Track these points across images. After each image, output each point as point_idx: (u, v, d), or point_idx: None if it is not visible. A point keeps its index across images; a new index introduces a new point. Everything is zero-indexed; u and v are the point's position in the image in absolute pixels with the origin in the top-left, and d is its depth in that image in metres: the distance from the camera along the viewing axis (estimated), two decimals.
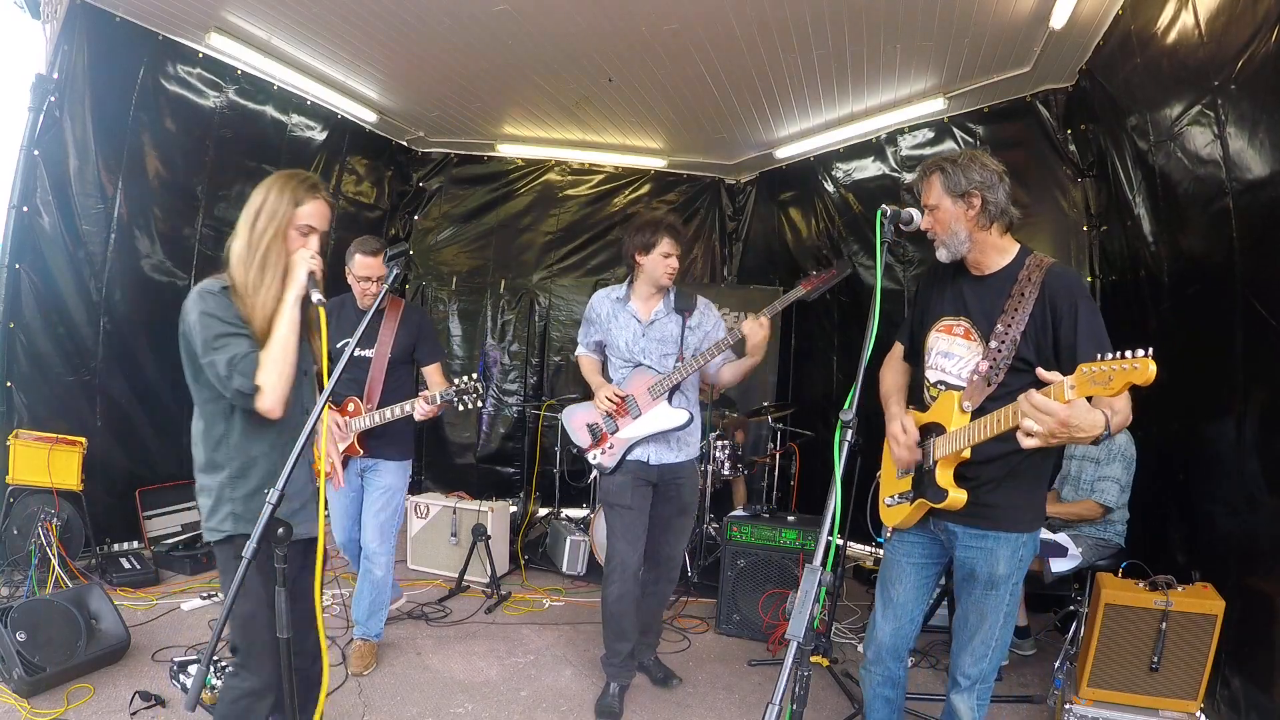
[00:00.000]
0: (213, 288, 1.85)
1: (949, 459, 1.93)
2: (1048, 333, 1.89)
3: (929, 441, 1.99)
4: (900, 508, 2.09)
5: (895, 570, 2.15)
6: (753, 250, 6.64)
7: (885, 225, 1.85)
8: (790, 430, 5.18)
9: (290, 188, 1.88)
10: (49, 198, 3.89)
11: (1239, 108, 2.59)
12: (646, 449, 2.95)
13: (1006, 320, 1.92)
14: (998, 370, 1.91)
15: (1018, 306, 1.92)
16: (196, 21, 4.17)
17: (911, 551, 2.13)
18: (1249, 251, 2.60)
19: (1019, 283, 1.94)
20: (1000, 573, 1.97)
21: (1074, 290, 1.90)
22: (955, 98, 4.58)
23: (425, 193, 6.46)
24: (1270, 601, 2.44)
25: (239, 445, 1.85)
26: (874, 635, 2.19)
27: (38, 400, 3.93)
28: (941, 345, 2.06)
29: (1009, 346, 1.91)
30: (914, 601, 2.13)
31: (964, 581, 2.04)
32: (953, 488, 1.92)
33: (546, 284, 6.38)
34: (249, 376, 1.74)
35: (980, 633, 2.02)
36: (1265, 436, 2.52)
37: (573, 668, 3.32)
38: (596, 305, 3.06)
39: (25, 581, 3.41)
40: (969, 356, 2.00)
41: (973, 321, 2.01)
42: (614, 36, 4.12)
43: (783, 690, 1.27)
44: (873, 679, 2.20)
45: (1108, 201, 4.10)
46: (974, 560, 1.99)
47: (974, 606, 2.02)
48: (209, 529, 1.87)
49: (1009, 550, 1.97)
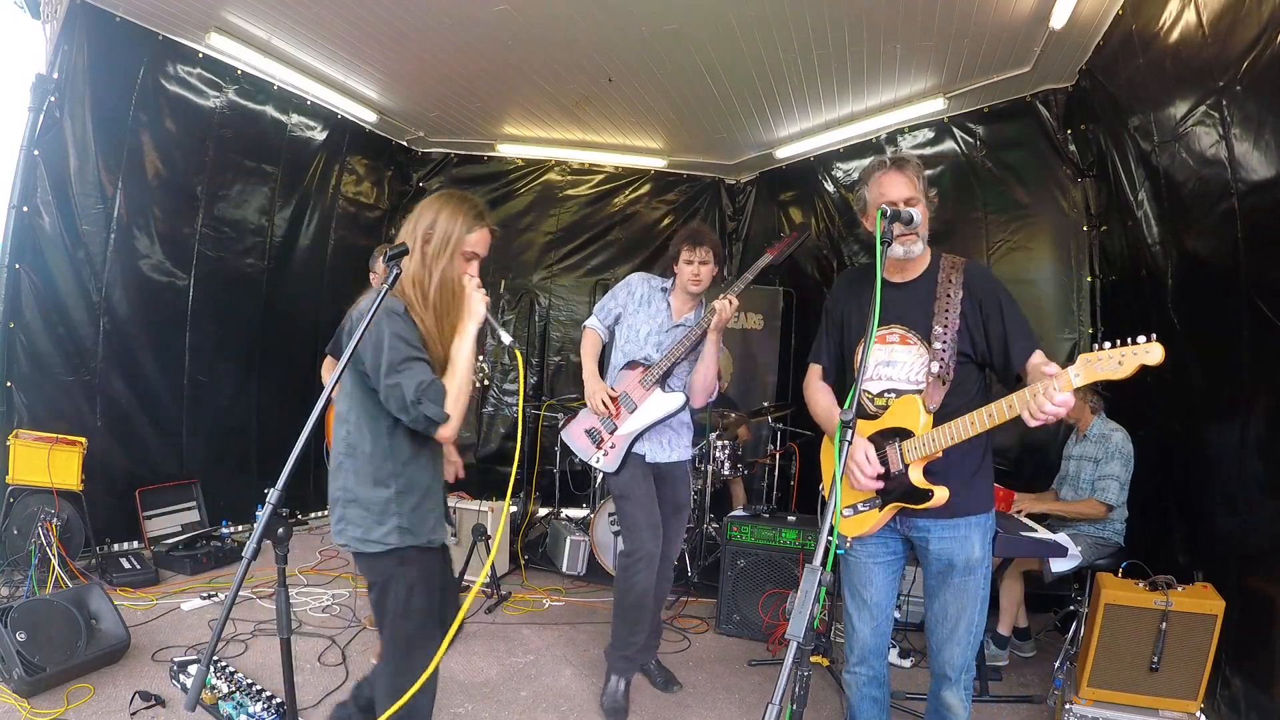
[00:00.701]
0: (397, 308, 1.83)
1: (920, 460, 1.95)
2: (980, 327, 2.00)
3: (895, 446, 1.98)
4: (866, 516, 2.07)
5: (864, 574, 2.14)
6: (753, 250, 6.63)
7: (885, 225, 1.84)
8: (790, 430, 5.18)
9: (462, 213, 1.91)
10: (49, 198, 3.89)
11: (1245, 108, 2.59)
12: (644, 445, 2.98)
13: (941, 321, 1.99)
14: (948, 368, 1.97)
15: (947, 307, 2.00)
16: (196, 21, 4.17)
17: (876, 553, 2.12)
18: (1254, 253, 2.59)
19: (940, 284, 2.02)
20: (976, 556, 2.01)
21: (994, 286, 2.03)
22: (955, 98, 4.58)
23: (425, 193, 6.44)
24: (1270, 601, 2.44)
25: (405, 462, 1.89)
26: (854, 638, 2.18)
27: (38, 400, 3.93)
28: (880, 355, 2.07)
29: (951, 344, 1.98)
30: (886, 599, 2.15)
31: (941, 573, 2.05)
32: (933, 486, 1.94)
33: (546, 284, 6.38)
34: (439, 404, 1.79)
35: (963, 620, 2.04)
36: (1268, 438, 2.52)
37: (573, 668, 3.32)
38: (634, 283, 3.11)
39: (25, 581, 3.41)
40: (912, 360, 2.02)
41: (906, 326, 2.05)
42: (614, 36, 4.12)
43: (783, 690, 1.27)
44: (858, 680, 2.19)
45: (1108, 201, 4.10)
46: (950, 551, 2.01)
47: (954, 596, 2.04)
48: (369, 541, 1.87)
49: (980, 533, 2.02)
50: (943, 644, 2.08)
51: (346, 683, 3.01)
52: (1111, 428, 3.41)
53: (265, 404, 5.19)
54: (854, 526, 2.09)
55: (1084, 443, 3.49)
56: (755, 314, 5.94)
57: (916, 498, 1.95)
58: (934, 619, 2.10)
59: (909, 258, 2.04)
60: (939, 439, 1.89)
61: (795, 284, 6.05)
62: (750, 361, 5.93)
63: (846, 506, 2.11)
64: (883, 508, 2.03)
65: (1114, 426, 3.42)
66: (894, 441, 1.99)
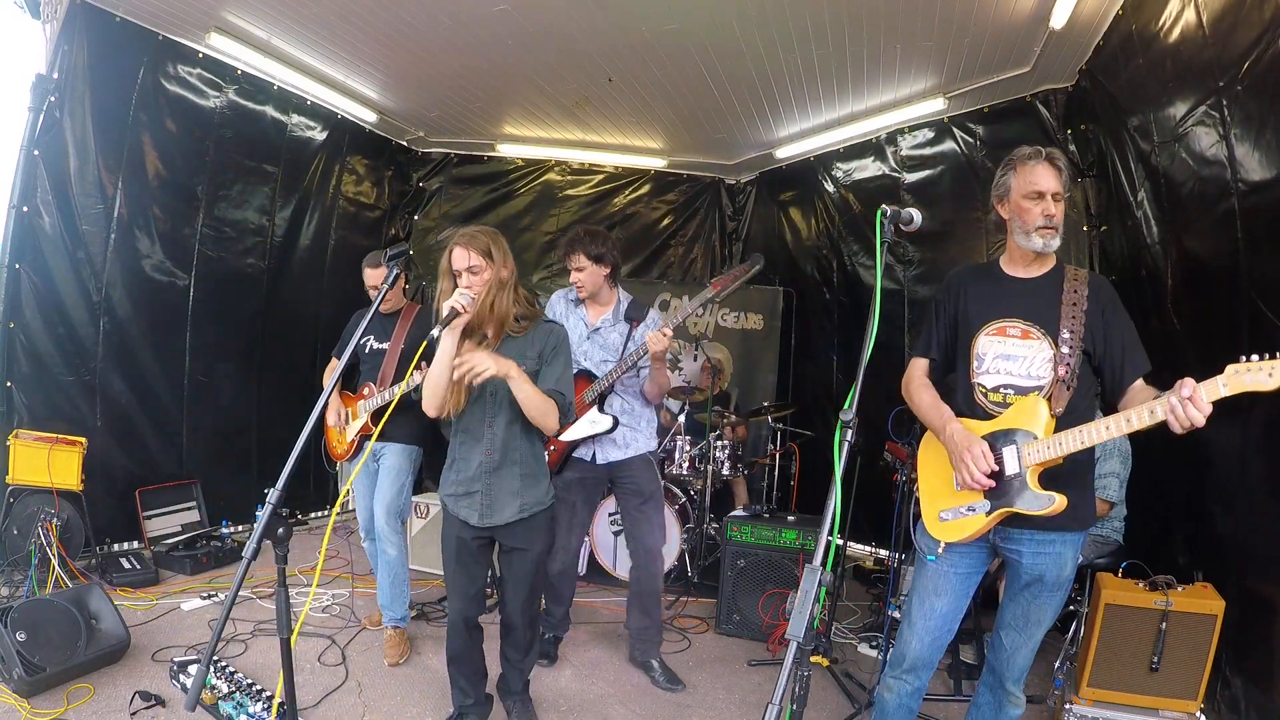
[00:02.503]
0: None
1: (1041, 465, 1.87)
2: (1101, 335, 1.95)
3: (1012, 448, 1.90)
4: (969, 520, 1.97)
5: (940, 582, 2.06)
6: (753, 250, 6.61)
7: (885, 225, 1.82)
8: (790, 430, 5.18)
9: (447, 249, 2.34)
10: (49, 198, 3.89)
11: (1245, 109, 2.58)
12: (590, 448, 3.13)
13: (1068, 325, 1.95)
14: (1073, 373, 1.92)
15: (1074, 312, 1.95)
16: (196, 21, 4.17)
17: (959, 562, 2.05)
18: (1255, 253, 2.59)
19: (1066, 290, 1.99)
20: (1067, 574, 1.98)
21: (1117, 298, 2.01)
22: (955, 98, 4.58)
23: (425, 193, 6.46)
24: (1270, 601, 2.44)
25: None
26: (908, 647, 2.10)
27: (38, 400, 3.93)
28: (998, 349, 2.02)
29: (1078, 347, 1.93)
30: (955, 611, 2.08)
31: (1029, 586, 2.00)
32: (1053, 494, 1.86)
33: (546, 284, 6.37)
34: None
35: (1038, 633, 2.03)
36: (1268, 438, 2.51)
37: (573, 668, 3.32)
38: (554, 303, 3.28)
39: (25, 581, 3.41)
40: (1033, 355, 1.97)
41: (1030, 321, 2.00)
42: (614, 36, 4.12)
43: (783, 690, 1.27)
44: (903, 689, 2.12)
45: (1108, 202, 4.10)
46: (1043, 565, 1.96)
47: (1036, 610, 2.01)
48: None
49: (1073, 550, 1.98)
50: (1017, 649, 2.06)
51: (346, 682, 3.02)
52: None
53: (265, 404, 5.19)
54: (953, 531, 1.99)
55: None
56: (755, 314, 5.94)
57: (1036, 503, 1.86)
58: (1012, 622, 2.06)
59: (1047, 251, 2.01)
60: (1065, 443, 1.82)
61: (795, 284, 6.05)
62: (750, 361, 5.93)
63: (946, 510, 2.01)
64: (990, 513, 1.93)
65: None
66: (1012, 442, 1.91)
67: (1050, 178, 2.00)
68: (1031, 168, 2.02)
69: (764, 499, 5.06)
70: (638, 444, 3.19)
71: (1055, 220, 1.99)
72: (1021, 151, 2.06)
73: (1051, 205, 2.00)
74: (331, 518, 1.68)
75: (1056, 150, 2.05)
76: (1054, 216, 2.00)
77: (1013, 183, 2.05)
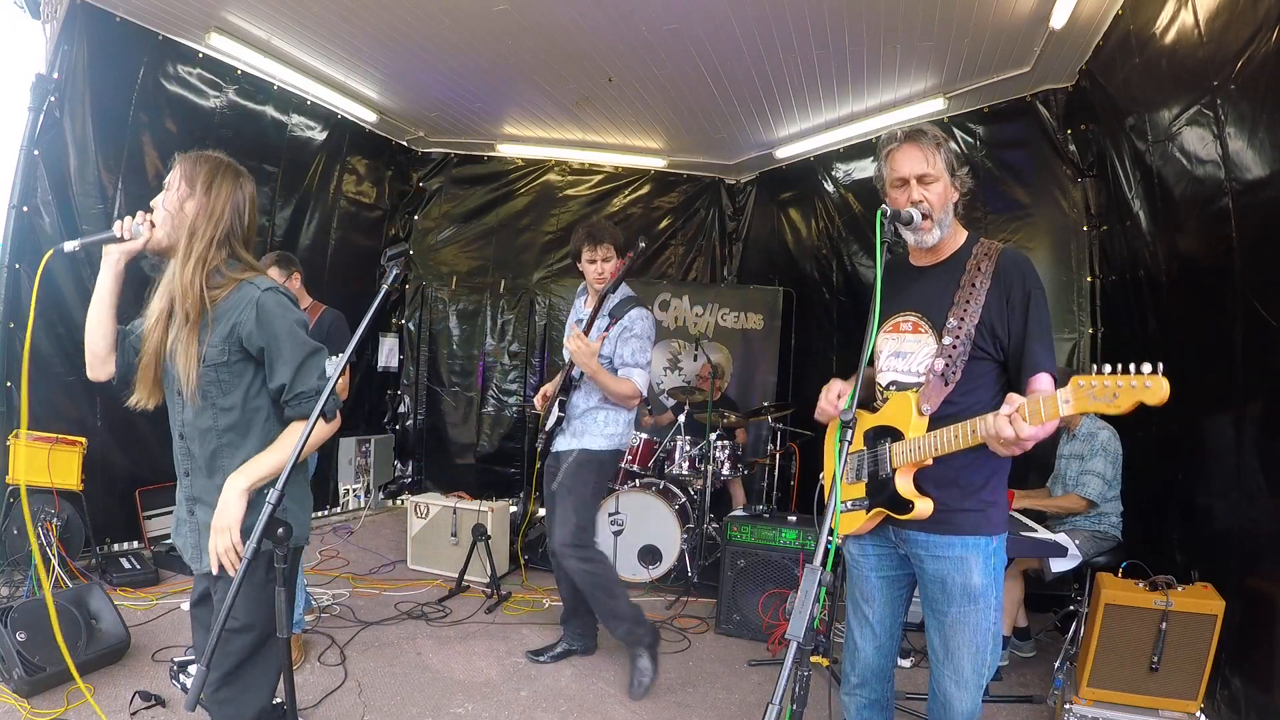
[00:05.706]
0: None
1: (909, 467, 1.78)
2: (1003, 321, 1.76)
3: (883, 446, 1.83)
4: (854, 515, 1.91)
5: (866, 586, 1.96)
6: (753, 250, 6.64)
7: (885, 225, 1.78)
8: (790, 430, 5.18)
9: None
10: (49, 198, 3.88)
11: (1239, 108, 2.59)
12: (557, 440, 3.20)
13: (959, 313, 1.77)
14: (954, 367, 1.75)
15: (969, 297, 1.77)
16: (196, 21, 4.17)
17: (879, 565, 1.94)
18: (1249, 252, 2.60)
19: (968, 271, 1.80)
20: (976, 583, 1.77)
21: (1026, 277, 1.76)
22: (955, 98, 4.58)
23: (425, 193, 6.46)
24: (1270, 601, 2.44)
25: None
26: (856, 655, 1.97)
27: (38, 400, 3.93)
28: (892, 345, 1.91)
29: (964, 341, 1.75)
30: (891, 616, 1.96)
31: (939, 597, 1.82)
32: (916, 497, 1.75)
33: (546, 284, 6.37)
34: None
35: (968, 654, 1.80)
36: (1265, 436, 2.52)
37: (573, 668, 3.32)
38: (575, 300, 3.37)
39: (25, 581, 3.41)
40: (920, 351, 1.84)
41: (920, 314, 1.86)
42: (614, 36, 4.12)
43: (783, 690, 1.27)
44: (856, 703, 1.98)
45: (1107, 201, 4.10)
46: (945, 572, 1.79)
47: (954, 626, 1.80)
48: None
49: (980, 557, 1.79)
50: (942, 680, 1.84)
51: (346, 682, 3.01)
52: (1099, 426, 3.44)
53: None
54: (846, 523, 1.94)
55: (1073, 442, 3.52)
56: (755, 314, 5.94)
57: (900, 506, 1.77)
58: (932, 656, 1.87)
59: (921, 247, 1.86)
60: (928, 445, 1.71)
61: (795, 284, 6.05)
62: (750, 361, 5.93)
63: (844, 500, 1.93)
64: (869, 510, 1.87)
65: (1101, 425, 3.45)
66: (885, 442, 1.83)
67: (912, 160, 1.79)
68: (891, 154, 1.84)
69: (764, 499, 5.06)
70: (584, 441, 3.11)
71: (927, 206, 1.79)
72: (884, 136, 1.88)
73: (916, 190, 1.79)
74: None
75: (928, 126, 1.84)
76: (923, 202, 1.79)
77: (884, 173, 1.88)
